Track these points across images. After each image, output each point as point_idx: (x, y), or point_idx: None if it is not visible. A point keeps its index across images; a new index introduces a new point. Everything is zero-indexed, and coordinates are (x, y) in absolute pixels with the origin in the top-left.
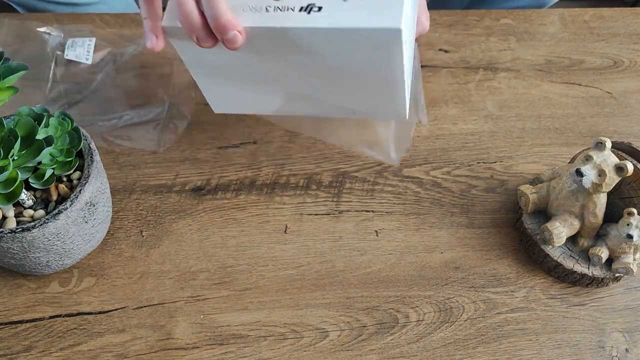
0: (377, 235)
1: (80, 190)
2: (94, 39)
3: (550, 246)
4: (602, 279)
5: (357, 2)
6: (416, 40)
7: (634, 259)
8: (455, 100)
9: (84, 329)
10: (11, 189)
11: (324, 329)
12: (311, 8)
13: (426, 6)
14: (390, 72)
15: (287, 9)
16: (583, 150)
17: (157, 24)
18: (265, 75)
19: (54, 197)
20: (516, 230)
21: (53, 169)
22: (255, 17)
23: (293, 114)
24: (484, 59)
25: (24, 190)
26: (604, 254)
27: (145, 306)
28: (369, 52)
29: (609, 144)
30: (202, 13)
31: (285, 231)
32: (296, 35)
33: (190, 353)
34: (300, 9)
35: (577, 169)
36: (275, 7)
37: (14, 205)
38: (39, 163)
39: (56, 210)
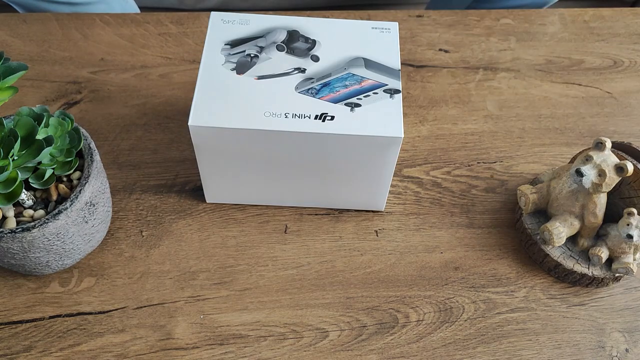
0: (377, 235)
1: (80, 190)
2: None
3: (550, 246)
4: (602, 279)
5: (362, 113)
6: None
7: (634, 259)
8: (455, 100)
9: (84, 329)
10: (11, 189)
11: (324, 329)
12: (325, 117)
13: None
14: (383, 167)
15: (304, 117)
16: (583, 150)
17: None
18: (271, 172)
19: (54, 197)
20: (516, 230)
21: (53, 169)
22: (276, 122)
23: (281, 205)
24: (484, 59)
25: (24, 190)
26: (604, 254)
27: (145, 306)
28: (371, 152)
29: (609, 144)
30: None
31: (285, 231)
32: (312, 139)
33: (190, 353)
34: (316, 117)
35: (577, 169)
36: (293, 114)
37: (14, 205)
38: (39, 163)
39: (56, 210)
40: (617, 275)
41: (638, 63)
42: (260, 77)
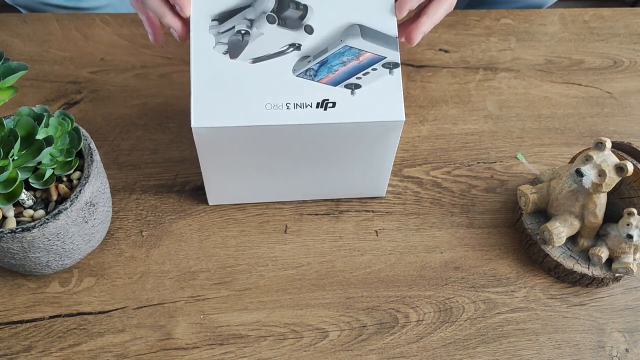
0: (377, 235)
1: (80, 190)
2: None
3: (550, 246)
4: (602, 279)
5: (363, 96)
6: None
7: (634, 259)
8: (455, 100)
9: (84, 329)
10: (11, 189)
11: (324, 329)
12: (326, 104)
13: None
14: (385, 151)
15: (306, 106)
16: (583, 150)
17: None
18: (274, 164)
19: (54, 197)
20: (516, 230)
21: (53, 169)
22: (278, 115)
23: (283, 200)
24: (484, 59)
25: (24, 190)
26: (604, 254)
27: (145, 306)
28: (373, 137)
29: (609, 144)
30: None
31: (285, 231)
32: (315, 129)
33: (190, 353)
34: (317, 105)
35: (577, 169)
36: (295, 104)
37: (14, 205)
38: (39, 163)
39: (56, 210)
40: (617, 275)
41: (638, 63)
42: (255, 60)
